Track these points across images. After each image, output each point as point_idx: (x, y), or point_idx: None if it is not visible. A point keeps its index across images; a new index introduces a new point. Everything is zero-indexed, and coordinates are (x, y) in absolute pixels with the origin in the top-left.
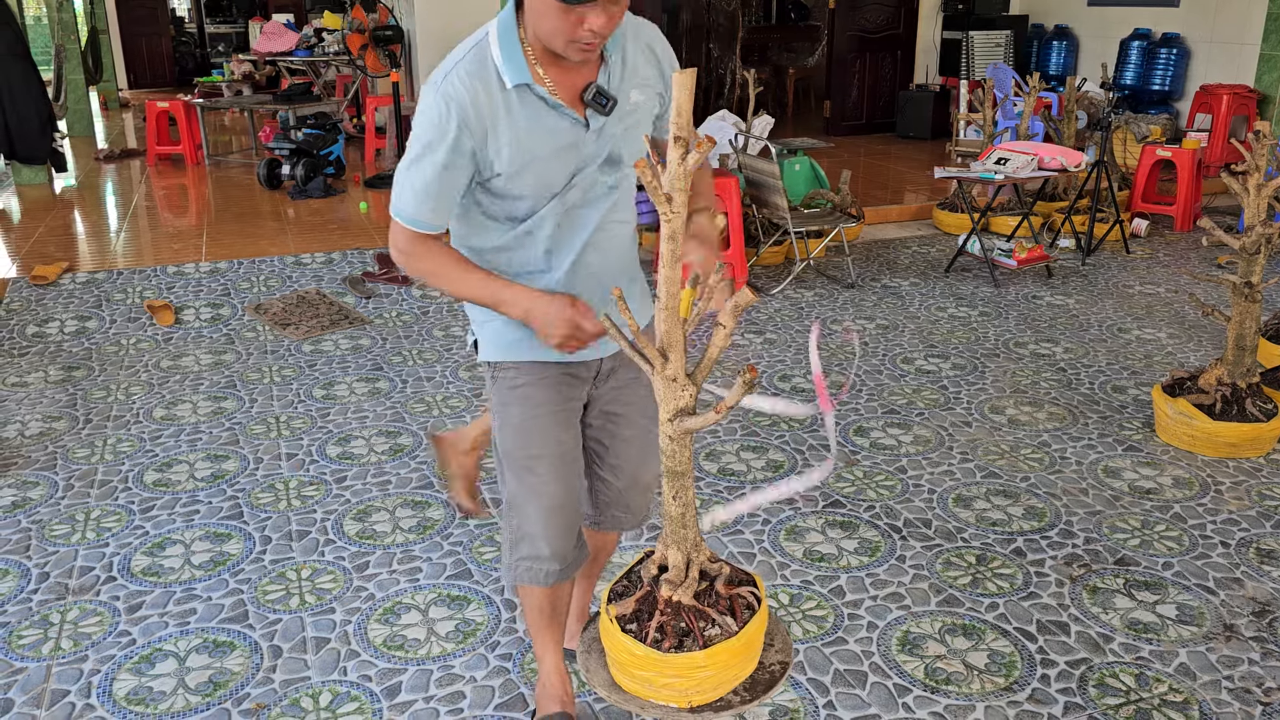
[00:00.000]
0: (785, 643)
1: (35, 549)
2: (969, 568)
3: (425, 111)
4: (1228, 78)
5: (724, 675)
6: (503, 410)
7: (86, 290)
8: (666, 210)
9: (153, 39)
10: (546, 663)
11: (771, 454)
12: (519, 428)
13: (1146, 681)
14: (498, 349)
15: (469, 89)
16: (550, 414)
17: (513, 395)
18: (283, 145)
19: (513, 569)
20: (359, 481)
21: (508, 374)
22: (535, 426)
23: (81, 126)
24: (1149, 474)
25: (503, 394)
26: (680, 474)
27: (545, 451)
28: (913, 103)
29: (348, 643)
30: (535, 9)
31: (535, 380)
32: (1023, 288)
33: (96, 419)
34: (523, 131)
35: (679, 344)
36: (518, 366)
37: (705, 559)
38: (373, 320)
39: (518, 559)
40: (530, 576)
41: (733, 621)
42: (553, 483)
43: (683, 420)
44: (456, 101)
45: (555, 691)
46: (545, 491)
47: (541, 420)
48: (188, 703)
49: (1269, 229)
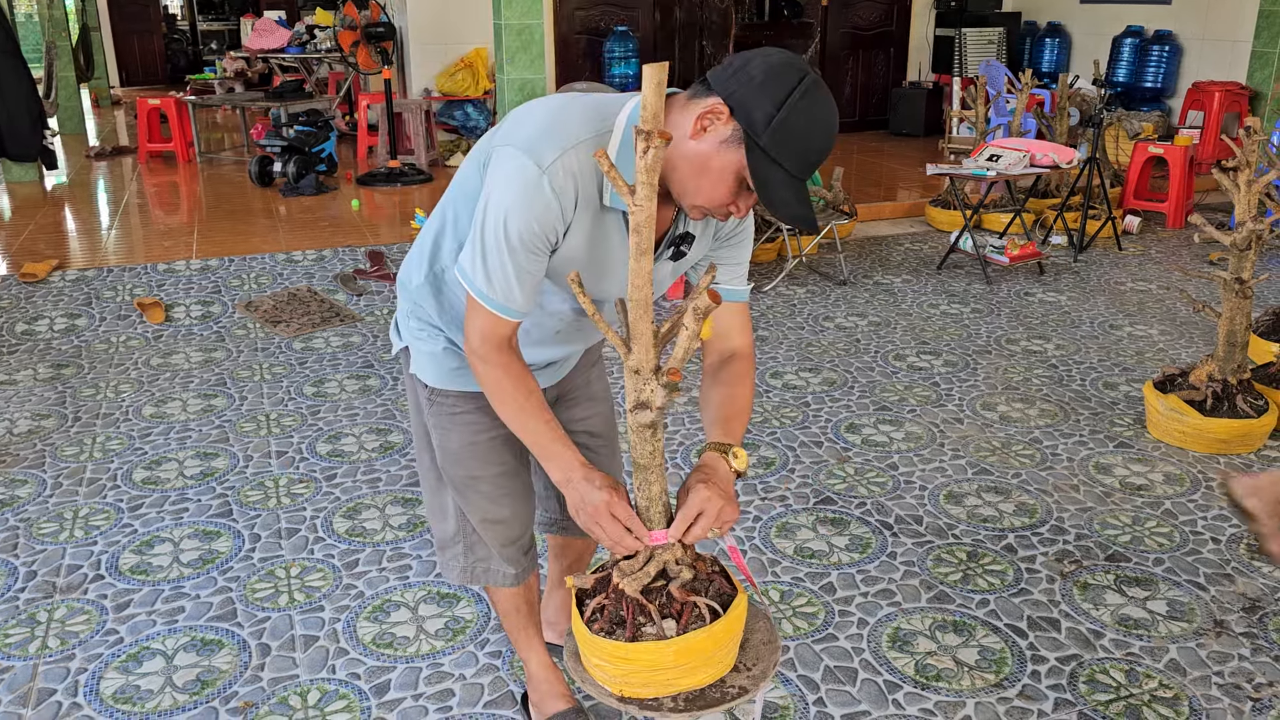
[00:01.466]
0: (764, 670)
1: (23, 547)
2: (960, 564)
3: (523, 190)
4: (1220, 75)
5: (653, 677)
6: (442, 434)
7: (76, 288)
8: (630, 203)
9: (144, 36)
10: (533, 662)
11: (763, 451)
12: (459, 453)
13: (1137, 677)
14: (436, 376)
15: (572, 186)
16: (491, 439)
17: (453, 422)
18: (275, 142)
19: (470, 571)
20: (349, 479)
21: (448, 400)
22: (475, 452)
23: (73, 124)
24: (1140, 470)
25: (441, 419)
26: (645, 467)
27: (486, 473)
28: (905, 100)
29: (337, 640)
30: (698, 162)
31: (475, 408)
32: (1015, 285)
33: (85, 417)
34: (592, 239)
35: (645, 336)
36: (459, 395)
37: (674, 558)
38: (364, 317)
39: (474, 562)
40: (483, 577)
41: (673, 626)
42: (495, 500)
43: (639, 413)
44: (559, 196)
45: (554, 689)
46: (488, 509)
47: (482, 446)
48: (175, 701)
49: (1259, 225)
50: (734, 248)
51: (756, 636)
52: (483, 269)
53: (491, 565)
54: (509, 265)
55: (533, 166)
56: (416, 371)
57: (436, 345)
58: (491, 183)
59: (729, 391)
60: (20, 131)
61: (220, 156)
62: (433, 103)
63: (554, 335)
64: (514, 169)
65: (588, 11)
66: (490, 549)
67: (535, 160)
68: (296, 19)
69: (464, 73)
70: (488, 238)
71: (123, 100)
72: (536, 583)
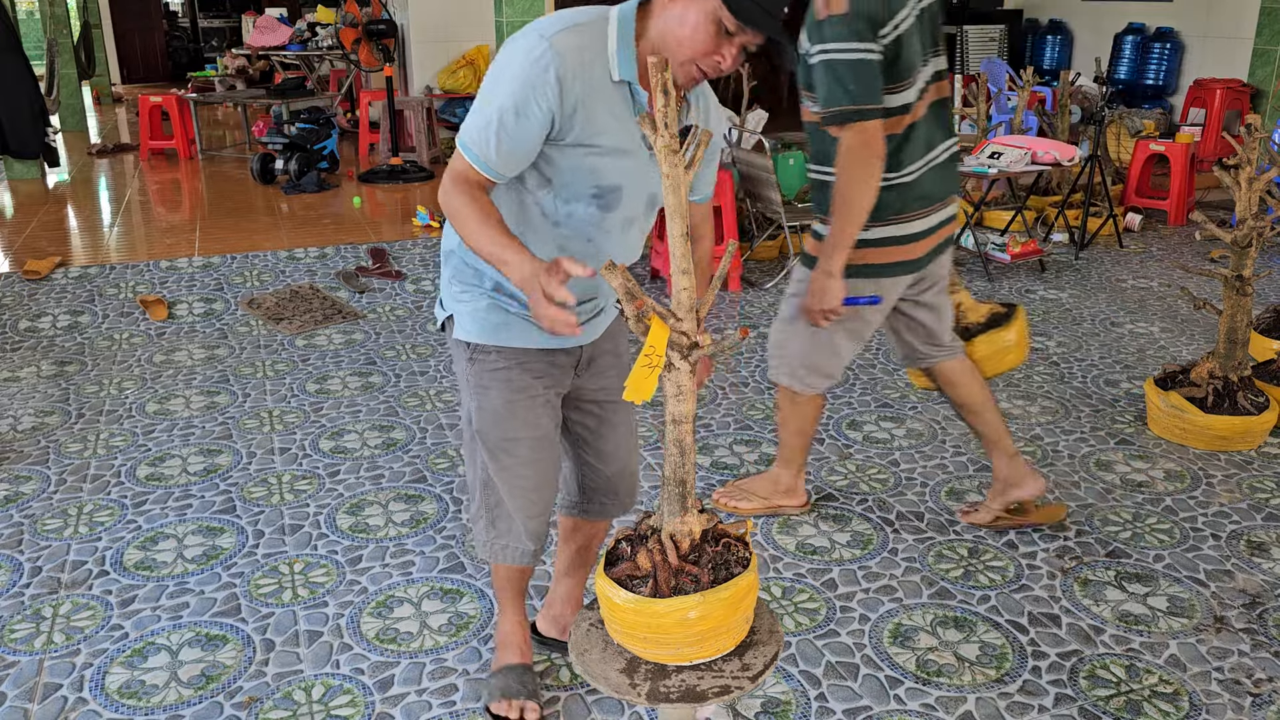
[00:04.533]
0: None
1: (27, 543)
2: (961, 560)
3: (525, 52)
4: (1221, 72)
5: (672, 636)
6: (481, 392)
7: (79, 285)
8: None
9: (146, 33)
10: (509, 618)
11: (765, 448)
12: (498, 411)
13: (1137, 673)
14: (479, 331)
15: (578, 53)
16: (531, 398)
17: (494, 378)
18: (276, 140)
19: (490, 546)
20: (352, 475)
21: (489, 357)
22: (516, 411)
23: (74, 121)
24: (1141, 467)
25: (482, 376)
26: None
27: (524, 435)
28: None
29: (340, 636)
30: (678, 18)
31: (516, 364)
32: (1016, 282)
33: (89, 413)
34: (601, 117)
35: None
36: (500, 350)
37: (701, 528)
38: (366, 315)
39: (495, 538)
40: (508, 556)
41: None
42: (530, 465)
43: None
44: (562, 57)
45: (515, 641)
46: (522, 474)
47: (522, 404)
48: (180, 696)
49: (1260, 223)
50: (708, 164)
51: (761, 623)
52: (471, 122)
53: (511, 542)
54: (494, 122)
55: (535, 35)
56: (459, 334)
57: (480, 302)
58: (499, 54)
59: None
60: (22, 129)
61: (222, 154)
62: (434, 100)
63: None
64: (519, 39)
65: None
66: (515, 520)
67: (539, 32)
68: (298, 16)
69: (465, 70)
70: (484, 94)
71: (124, 97)
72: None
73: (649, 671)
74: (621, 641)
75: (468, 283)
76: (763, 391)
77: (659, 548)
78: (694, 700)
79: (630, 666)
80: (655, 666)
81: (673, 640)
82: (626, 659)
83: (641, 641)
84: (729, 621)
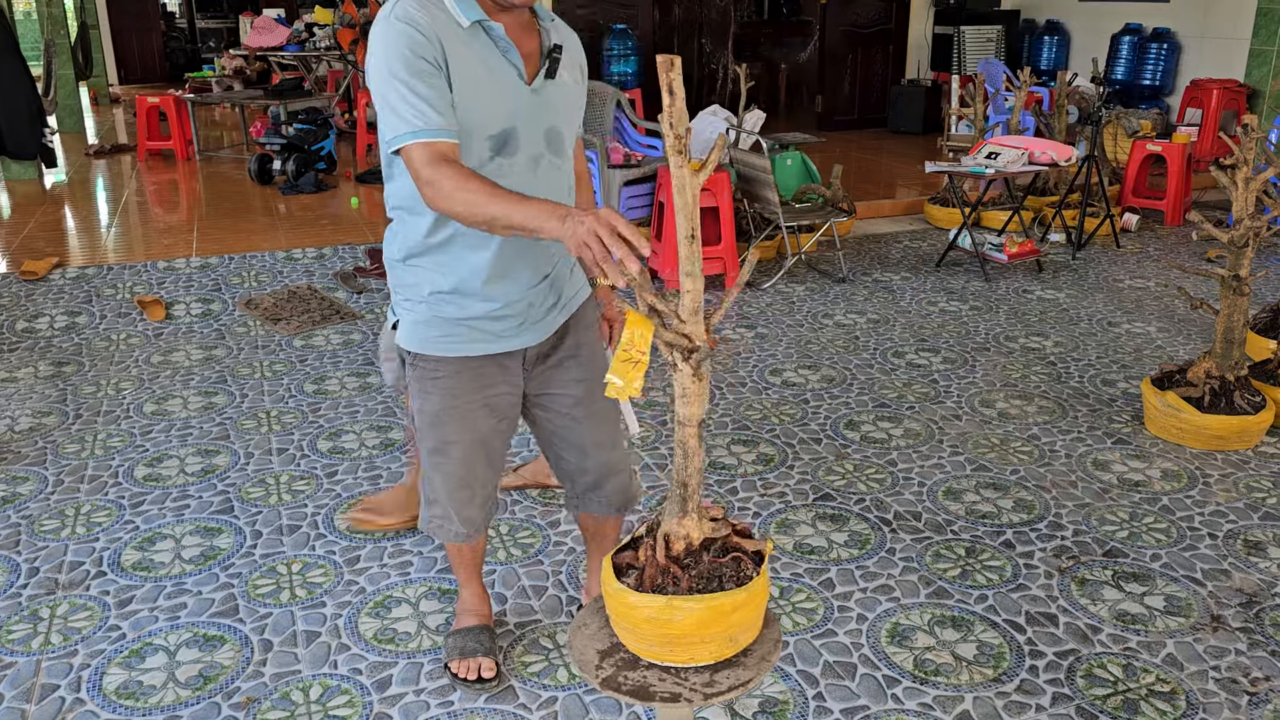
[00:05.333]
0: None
1: (25, 544)
2: (958, 560)
3: (383, 37)
4: (1218, 72)
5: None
6: (421, 397)
7: (76, 285)
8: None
9: (143, 34)
10: (465, 589)
11: (762, 448)
12: (435, 416)
13: (1134, 672)
14: (418, 341)
15: (424, 12)
16: (467, 405)
17: (433, 386)
18: (274, 140)
19: (429, 524)
20: (350, 476)
21: (427, 365)
22: (450, 417)
23: (71, 122)
24: (1138, 466)
25: (421, 383)
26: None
27: (457, 438)
28: (904, 98)
29: (338, 636)
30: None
31: (454, 373)
32: (1013, 282)
33: (86, 414)
34: (468, 65)
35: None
36: (438, 360)
37: (708, 534)
38: (364, 315)
39: (430, 515)
40: (440, 534)
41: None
42: (461, 465)
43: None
44: (413, 22)
45: (472, 606)
46: (453, 472)
47: (457, 411)
48: (178, 696)
49: (1257, 222)
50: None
51: (758, 649)
52: (392, 116)
53: (446, 524)
54: (407, 95)
55: (383, 23)
56: (400, 340)
57: (418, 312)
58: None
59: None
60: (19, 129)
61: (219, 154)
62: None
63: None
64: (374, 36)
65: (588, 9)
66: (447, 509)
67: (383, 19)
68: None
69: None
70: (383, 89)
71: (121, 98)
72: (484, 543)
73: (622, 660)
74: (613, 626)
75: (406, 294)
76: (760, 391)
77: (652, 543)
78: (642, 699)
79: (609, 650)
80: (630, 657)
81: (645, 636)
82: (612, 643)
83: (622, 630)
84: (703, 634)
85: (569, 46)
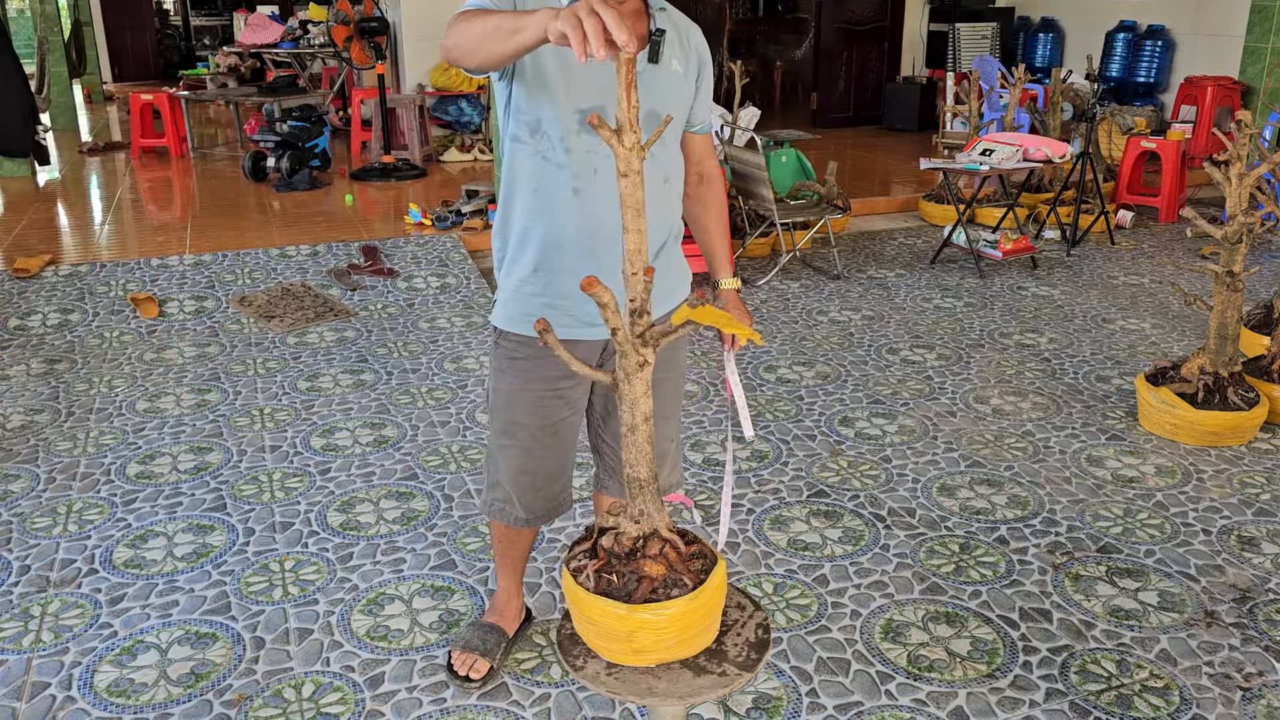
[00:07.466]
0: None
1: (16, 541)
2: (952, 556)
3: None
4: (1212, 70)
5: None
6: (497, 375)
7: (69, 283)
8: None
9: (137, 31)
10: (500, 582)
11: (757, 444)
12: (508, 396)
13: (1128, 667)
14: (505, 318)
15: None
16: (541, 390)
17: (510, 365)
18: (268, 138)
19: (487, 505)
20: (343, 473)
21: (509, 344)
22: (523, 399)
23: (65, 119)
24: (1132, 462)
25: (500, 361)
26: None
27: (528, 422)
28: (899, 95)
29: (331, 633)
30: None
31: (534, 355)
32: (1008, 279)
33: (79, 412)
34: None
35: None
36: (520, 339)
37: (663, 527)
38: (358, 312)
39: (491, 498)
40: (498, 515)
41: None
42: (527, 451)
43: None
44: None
45: (498, 604)
46: (518, 456)
47: (531, 395)
48: (170, 694)
49: (1250, 218)
50: (703, 92)
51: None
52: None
53: (506, 507)
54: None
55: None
56: (491, 316)
57: (508, 290)
58: None
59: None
60: (12, 127)
61: (213, 152)
62: (426, 98)
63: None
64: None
65: None
66: (509, 493)
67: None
68: (289, 14)
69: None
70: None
71: (115, 95)
72: (534, 535)
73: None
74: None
75: (504, 270)
76: (755, 389)
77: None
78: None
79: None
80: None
81: (579, 621)
82: None
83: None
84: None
85: (683, 35)
